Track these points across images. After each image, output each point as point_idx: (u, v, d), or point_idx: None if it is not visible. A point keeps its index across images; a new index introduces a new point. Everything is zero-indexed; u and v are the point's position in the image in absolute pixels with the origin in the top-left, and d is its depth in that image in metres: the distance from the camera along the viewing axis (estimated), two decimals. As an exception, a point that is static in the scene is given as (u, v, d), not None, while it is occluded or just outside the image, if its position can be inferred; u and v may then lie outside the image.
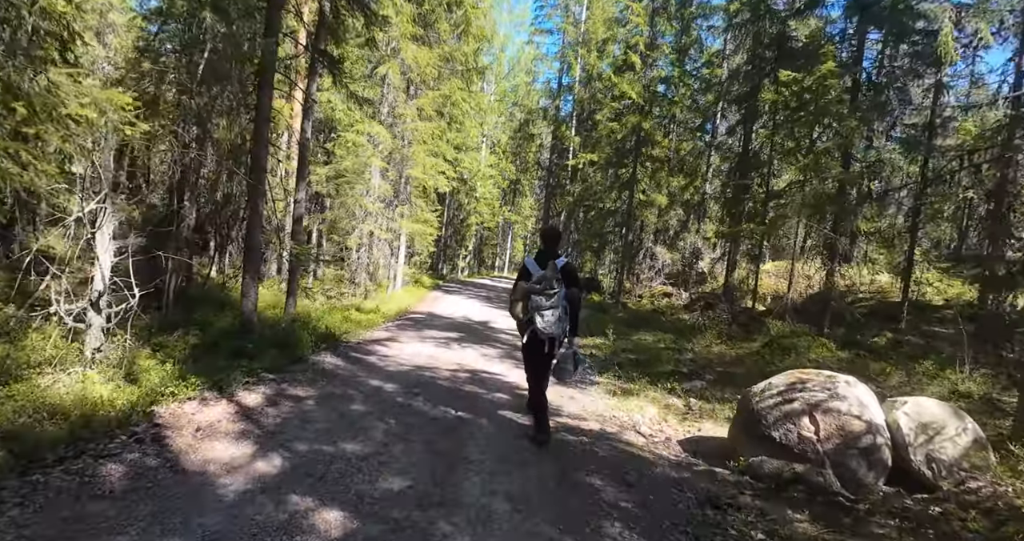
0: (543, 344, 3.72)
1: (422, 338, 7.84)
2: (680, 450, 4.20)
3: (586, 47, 17.51)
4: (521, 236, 49.40)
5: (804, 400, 3.70)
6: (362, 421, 3.89)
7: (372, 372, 5.45)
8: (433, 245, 23.73)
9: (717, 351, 8.67)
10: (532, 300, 3.65)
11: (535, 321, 3.64)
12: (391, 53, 11.88)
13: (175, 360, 4.62)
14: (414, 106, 12.11)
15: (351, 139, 11.09)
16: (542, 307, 3.62)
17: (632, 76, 13.78)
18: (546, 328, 3.62)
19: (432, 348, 7.09)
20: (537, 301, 3.63)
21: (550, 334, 3.65)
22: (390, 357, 6.25)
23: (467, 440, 3.77)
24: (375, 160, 11.35)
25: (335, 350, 6.34)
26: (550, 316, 3.62)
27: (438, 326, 9.33)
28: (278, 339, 6.09)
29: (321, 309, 10.24)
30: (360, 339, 7.36)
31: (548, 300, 3.62)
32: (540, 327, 3.63)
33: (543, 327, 3.62)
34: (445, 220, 31.25)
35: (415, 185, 13.01)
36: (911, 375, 6.13)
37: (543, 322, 3.62)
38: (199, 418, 3.61)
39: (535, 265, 3.76)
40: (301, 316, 8.21)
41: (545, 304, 3.62)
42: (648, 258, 17.30)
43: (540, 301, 3.62)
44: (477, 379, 5.63)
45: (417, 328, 8.86)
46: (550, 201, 23.99)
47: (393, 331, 8.32)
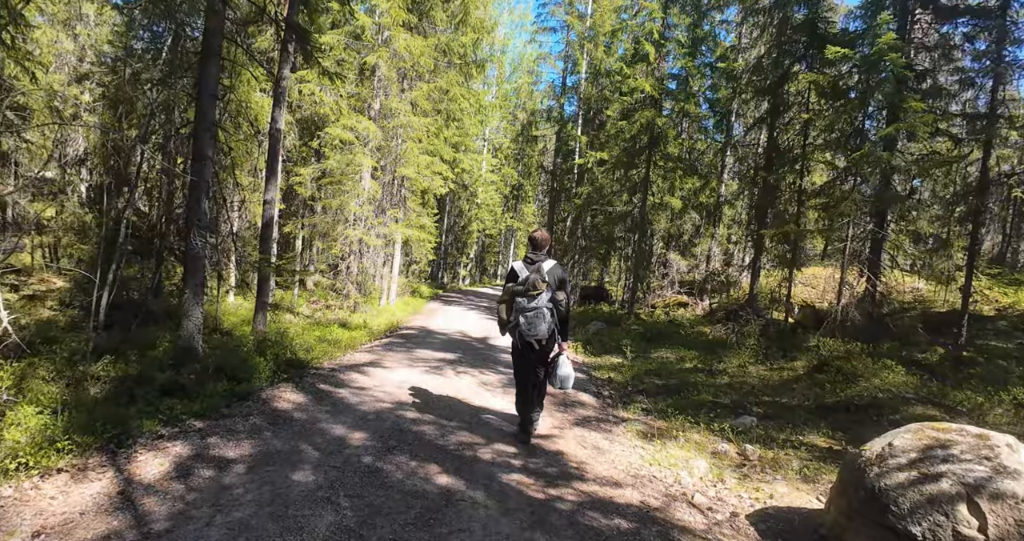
0: (529, 346, 3.76)
1: (411, 361, 6.64)
2: (756, 536, 2.99)
3: (592, 41, 16.46)
4: (524, 243, 48.38)
5: (956, 477, 2.49)
6: (303, 506, 2.69)
7: (339, 414, 4.26)
8: (432, 253, 22.61)
9: (756, 374, 7.44)
10: (516, 302, 3.71)
11: (519, 323, 3.69)
12: (382, 42, 10.81)
13: (62, 405, 3.43)
14: (407, 100, 11.01)
15: (335, 135, 9.98)
16: (525, 309, 3.66)
17: (645, 67, 12.68)
18: (529, 330, 3.66)
19: (421, 375, 5.90)
20: (521, 303, 3.68)
21: (533, 336, 3.67)
22: (367, 390, 5.05)
23: (454, 536, 2.57)
24: (364, 159, 10.24)
25: (299, 381, 5.15)
26: (533, 318, 3.64)
27: (431, 345, 8.14)
28: (229, 368, 4.91)
29: (300, 325, 9.10)
30: (335, 364, 6.17)
31: (531, 302, 3.65)
32: (523, 329, 3.67)
33: (526, 329, 3.66)
34: (445, 227, 30.18)
35: (409, 187, 11.89)
36: (1020, 410, 4.89)
37: (527, 324, 3.65)
38: (52, 510, 2.42)
39: (523, 268, 3.78)
40: (271, 335, 7.05)
41: (528, 306, 3.65)
42: (661, 265, 16.10)
43: (523, 303, 3.67)
44: (475, 421, 4.43)
45: (407, 348, 7.66)
46: (554, 206, 22.85)
47: (377, 353, 7.12)
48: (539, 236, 3.92)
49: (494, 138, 32.37)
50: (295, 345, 6.75)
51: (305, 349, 6.51)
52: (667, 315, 15.09)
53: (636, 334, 11.22)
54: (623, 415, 5.18)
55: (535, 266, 3.74)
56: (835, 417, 5.20)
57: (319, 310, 11.23)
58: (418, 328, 10.23)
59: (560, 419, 4.71)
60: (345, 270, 11.02)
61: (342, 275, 11.15)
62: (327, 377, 5.43)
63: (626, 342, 9.85)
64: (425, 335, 9.29)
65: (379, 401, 4.69)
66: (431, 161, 11.09)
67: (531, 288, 3.68)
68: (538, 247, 3.89)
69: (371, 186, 10.78)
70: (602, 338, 10.48)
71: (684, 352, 9.37)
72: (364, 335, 8.52)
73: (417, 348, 7.71)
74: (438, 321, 11.63)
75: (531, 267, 3.76)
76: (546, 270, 3.72)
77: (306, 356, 6.15)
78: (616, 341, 10.34)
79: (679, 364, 8.26)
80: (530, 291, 3.68)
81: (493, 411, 4.77)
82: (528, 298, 3.68)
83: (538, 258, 3.81)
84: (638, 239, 13.32)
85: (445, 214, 29.55)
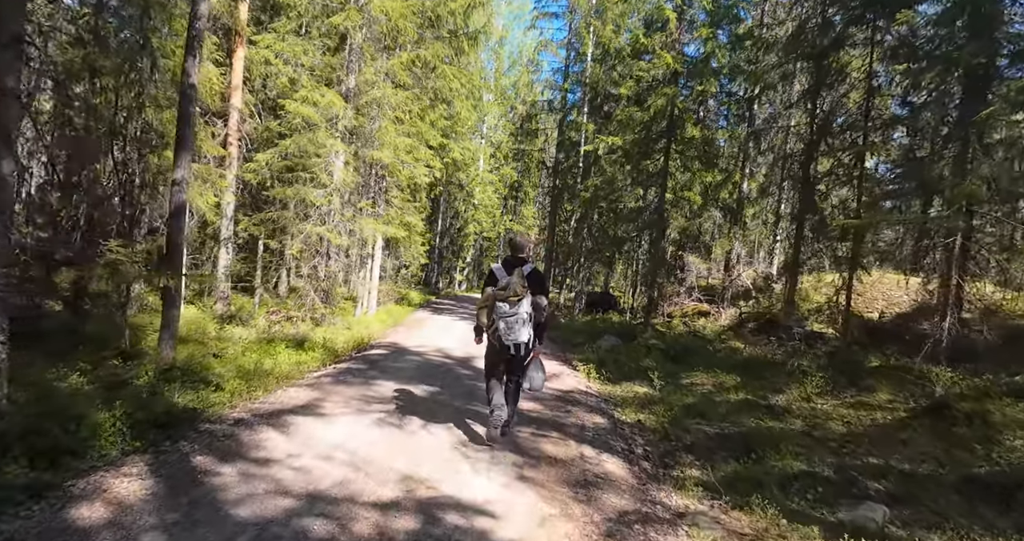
0: (506, 350, 3.67)
1: (363, 402, 4.76)
2: None
3: (601, 19, 14.69)
4: (523, 247, 46.56)
5: None
6: None
7: (194, 528, 2.38)
8: (424, 256, 20.77)
9: (832, 412, 5.56)
10: (497, 307, 3.62)
11: (499, 327, 3.61)
12: (354, 2, 9.01)
13: None
14: (383, 70, 9.19)
15: (293, 111, 8.16)
16: (506, 313, 3.58)
17: (663, 38, 10.89)
18: (508, 334, 3.58)
19: (370, 429, 4.02)
20: (502, 308, 3.60)
21: (513, 341, 3.59)
22: (272, 467, 3.16)
23: None
24: (329, 140, 8.42)
25: (167, 450, 3.26)
26: (514, 323, 3.57)
27: (400, 372, 6.25)
28: (45, 435, 3.03)
29: (244, 344, 7.26)
30: (251, 409, 4.28)
31: (511, 307, 3.58)
32: (503, 334, 3.59)
33: (505, 333, 3.58)
34: (440, 228, 28.38)
35: (394, 181, 10.08)
36: None
37: (506, 329, 3.58)
38: None
39: (503, 272, 3.72)
40: (181, 363, 5.20)
41: (508, 311, 3.58)
42: (677, 269, 14.24)
43: (504, 308, 3.59)
44: None
45: (365, 378, 5.78)
46: (556, 206, 21.01)
47: (322, 388, 5.24)
48: (519, 239, 3.87)
49: (492, 135, 30.64)
50: (208, 377, 4.90)
51: (216, 385, 4.65)
52: (686, 326, 13.22)
53: (657, 351, 9.35)
54: (676, 502, 3.30)
55: (515, 270, 3.65)
56: (1013, 502, 3.33)
57: (278, 322, 9.39)
58: (391, 346, 8.35)
59: (580, 523, 2.83)
60: (307, 276, 9.17)
61: (306, 281, 9.30)
62: (221, 439, 3.54)
63: (649, 364, 7.99)
64: (396, 356, 7.41)
65: (281, 493, 2.80)
66: (412, 145, 9.27)
67: (512, 293, 3.59)
68: (518, 250, 3.83)
69: (341, 175, 8.95)
70: (618, 357, 8.60)
71: (722, 376, 7.51)
72: (318, 358, 6.66)
73: (380, 378, 5.82)
74: (419, 335, 9.74)
75: (511, 271, 3.67)
76: (526, 274, 3.65)
77: (208, 398, 4.28)
78: (635, 360, 8.47)
79: (723, 396, 6.39)
80: (511, 296, 3.58)
81: (473, 507, 2.88)
82: (509, 303, 3.58)
83: (518, 261, 3.75)
84: (654, 238, 11.48)
85: (439, 215, 27.77)
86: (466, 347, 8.54)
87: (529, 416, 4.81)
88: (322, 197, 8.35)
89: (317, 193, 8.55)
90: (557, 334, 11.68)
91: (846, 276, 8.74)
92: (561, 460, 3.73)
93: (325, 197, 8.45)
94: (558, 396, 5.79)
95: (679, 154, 11.35)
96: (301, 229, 8.31)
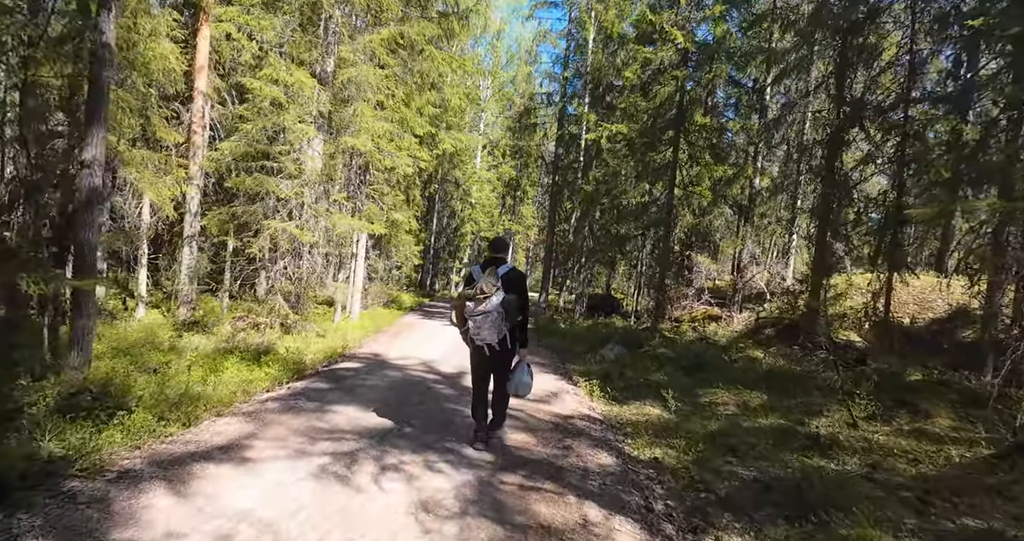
0: (480, 351, 3.68)
1: (307, 440, 3.75)
2: None
3: (603, 2, 13.70)
4: (524, 247, 45.46)
5: None
6: None
7: None
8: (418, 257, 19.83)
9: (889, 445, 4.56)
10: (466, 307, 3.59)
11: (469, 327, 3.60)
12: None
13: None
14: (361, 48, 8.20)
15: (256, 90, 7.19)
16: (473, 313, 3.55)
17: (672, 16, 9.91)
18: (477, 334, 3.57)
19: (300, 484, 3.00)
20: (469, 307, 3.57)
21: (483, 341, 3.57)
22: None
23: None
24: (296, 124, 7.44)
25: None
26: (481, 322, 3.53)
27: (366, 394, 5.24)
28: None
29: (198, 355, 6.32)
30: (147, 456, 3.26)
31: (478, 306, 3.53)
32: (472, 334, 3.59)
33: (474, 333, 3.58)
34: (436, 228, 27.41)
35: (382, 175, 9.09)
36: None
37: (475, 327, 3.57)
38: None
39: (480, 272, 3.69)
40: (97, 384, 4.24)
41: (476, 310, 3.54)
42: (685, 270, 13.25)
43: (472, 307, 3.56)
44: None
45: (322, 403, 4.77)
46: (555, 204, 20.04)
47: (263, 417, 4.23)
48: (498, 240, 3.94)
49: (489, 132, 29.67)
50: (126, 402, 3.92)
51: (121, 417, 3.66)
52: (696, 331, 12.22)
53: (668, 362, 8.37)
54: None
55: (490, 270, 3.63)
56: None
57: (244, 330, 8.42)
58: (368, 357, 7.35)
59: None
60: (275, 277, 8.19)
61: (274, 283, 8.31)
62: (81, 506, 2.54)
63: (660, 379, 7.00)
64: (370, 371, 6.41)
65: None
66: (392, 131, 8.27)
67: (479, 292, 3.54)
68: (497, 250, 3.85)
69: (313, 165, 7.97)
70: (625, 369, 7.61)
71: (745, 393, 6.53)
72: (273, 374, 5.66)
73: (340, 402, 4.82)
74: (403, 344, 8.75)
75: (487, 271, 3.63)
76: (501, 274, 3.61)
77: (97, 440, 3.28)
78: (645, 373, 7.49)
79: (752, 420, 5.39)
80: (478, 295, 3.53)
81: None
82: (476, 302, 3.54)
83: (495, 261, 3.74)
84: (661, 236, 10.49)
85: (434, 213, 26.80)
86: (454, 358, 7.55)
87: (519, 455, 3.82)
88: (289, 189, 7.36)
89: (284, 185, 7.56)
90: (556, 341, 10.68)
91: (882, 277, 7.75)
92: (557, 529, 2.74)
93: (293, 189, 7.46)
94: (556, 424, 4.79)
95: (688, 145, 10.35)
96: (268, 225, 7.31)
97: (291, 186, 7.45)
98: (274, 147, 7.40)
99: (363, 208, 9.09)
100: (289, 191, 7.34)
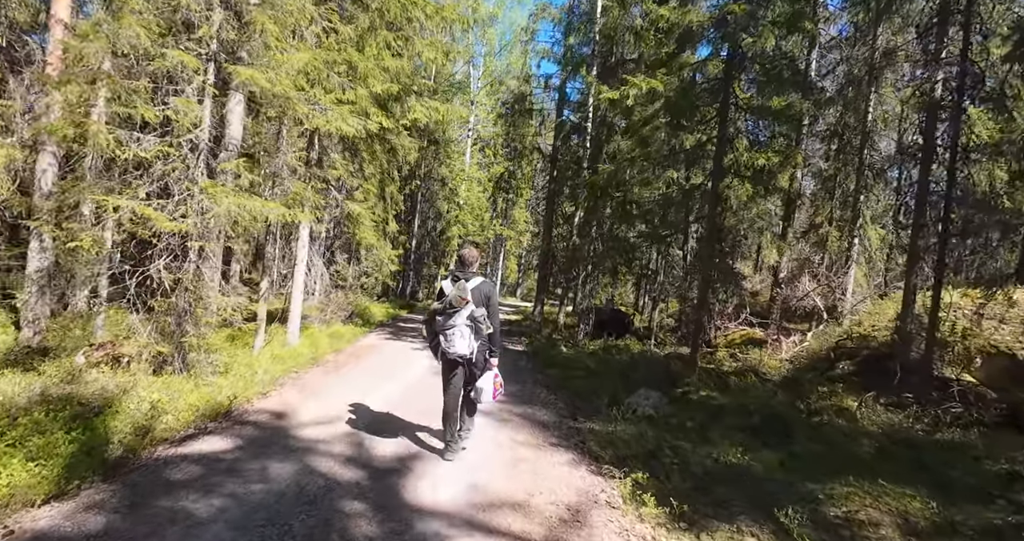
0: (452, 364, 3.75)
1: None
2: None
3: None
4: (516, 254, 42.72)
5: None
6: None
7: None
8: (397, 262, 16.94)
9: None
10: (436, 321, 3.68)
11: (441, 341, 3.67)
12: None
13: None
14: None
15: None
16: (444, 327, 3.63)
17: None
18: (449, 348, 3.63)
19: None
20: (439, 321, 3.66)
21: (454, 353, 3.63)
22: None
23: None
24: (175, 53, 4.70)
25: None
26: (452, 335, 3.60)
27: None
28: None
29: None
30: None
31: (448, 320, 3.61)
32: (444, 347, 3.66)
33: (446, 347, 3.64)
34: (418, 231, 24.68)
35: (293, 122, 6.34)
36: None
37: (446, 342, 3.63)
38: None
39: (450, 286, 3.70)
40: None
41: (446, 324, 3.62)
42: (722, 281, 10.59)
43: (442, 321, 3.64)
44: None
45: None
46: (553, 203, 17.37)
47: None
48: (467, 253, 3.85)
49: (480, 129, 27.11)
50: None
51: None
52: (735, 359, 9.56)
53: (726, 415, 5.68)
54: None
55: (459, 284, 3.65)
56: None
57: (100, 363, 5.68)
58: (265, 421, 4.51)
59: None
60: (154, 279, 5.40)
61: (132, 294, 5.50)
62: None
63: (737, 460, 4.31)
64: (234, 468, 3.55)
65: None
66: (319, 68, 5.55)
67: (448, 306, 3.61)
68: (466, 264, 3.81)
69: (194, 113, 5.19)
70: (676, 439, 4.83)
71: (896, 496, 3.84)
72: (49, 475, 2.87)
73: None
74: (342, 385, 5.92)
75: (455, 285, 3.67)
76: (470, 287, 3.64)
77: None
78: (704, 445, 4.75)
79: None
80: (447, 309, 3.62)
81: None
82: (446, 316, 3.64)
83: (465, 275, 3.73)
84: (705, 236, 7.82)
85: (416, 214, 24.08)
86: (413, 413, 4.79)
87: None
88: (144, 148, 4.58)
89: (149, 142, 4.79)
90: (560, 375, 7.92)
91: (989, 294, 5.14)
92: None
93: (156, 148, 4.67)
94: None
95: (744, 110, 7.72)
96: (108, 203, 4.52)
97: (152, 144, 4.67)
98: (124, 85, 4.63)
99: (287, 188, 6.29)
100: (144, 152, 4.56)
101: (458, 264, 3.86)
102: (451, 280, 3.72)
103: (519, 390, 6.70)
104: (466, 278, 3.68)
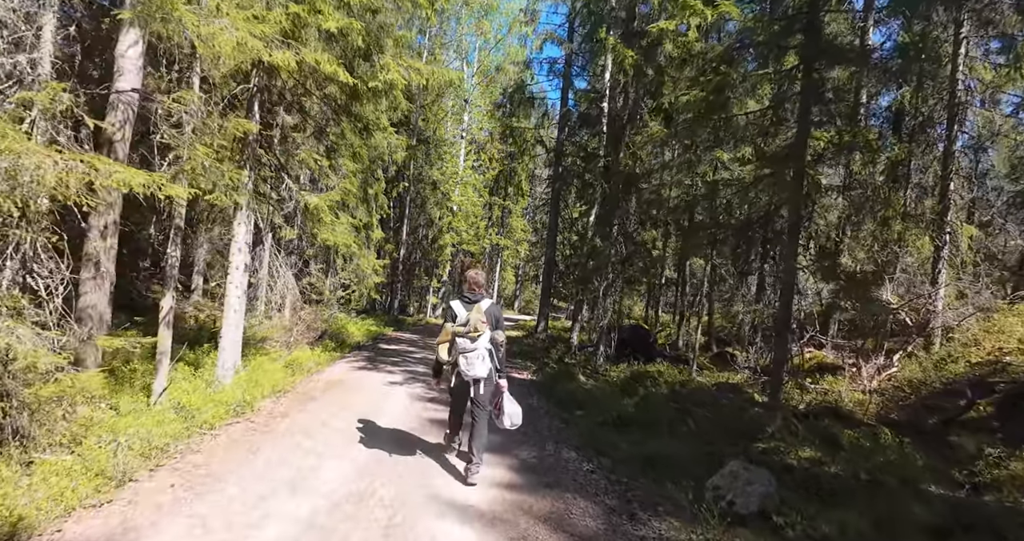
0: (467, 386, 3.76)
1: None
2: None
3: None
4: (512, 267, 40.51)
5: None
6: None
7: None
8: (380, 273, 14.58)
9: None
10: (457, 343, 3.66)
11: (459, 363, 3.67)
12: None
13: None
14: None
15: None
16: (467, 350, 3.62)
17: None
18: (469, 370, 3.63)
19: None
20: (462, 344, 3.64)
21: (475, 376, 3.64)
22: None
23: None
24: None
25: None
26: (474, 359, 3.61)
27: None
28: None
29: None
30: None
31: (472, 342, 3.61)
32: (463, 369, 3.65)
33: (466, 369, 3.63)
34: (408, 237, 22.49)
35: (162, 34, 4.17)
36: None
37: (466, 364, 3.63)
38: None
39: (461, 307, 3.75)
40: None
41: (469, 347, 3.62)
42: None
43: (465, 344, 3.63)
44: None
45: None
46: (557, 204, 15.24)
47: None
48: (475, 275, 3.92)
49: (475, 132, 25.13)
50: None
51: None
52: (806, 390, 7.36)
53: (889, 506, 3.45)
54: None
55: (473, 305, 3.72)
56: None
57: None
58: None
59: None
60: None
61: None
62: None
63: None
64: None
65: None
66: None
67: (473, 329, 3.62)
68: (475, 286, 3.88)
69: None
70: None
71: None
72: None
73: None
74: (241, 486, 3.64)
75: (469, 307, 3.72)
76: (484, 309, 3.70)
77: None
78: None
79: None
80: (471, 332, 3.62)
81: None
82: (470, 339, 3.62)
83: (475, 297, 3.80)
84: (788, 232, 5.65)
85: (404, 220, 21.93)
86: None
87: None
88: None
89: None
90: (586, 422, 5.65)
91: None
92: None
93: None
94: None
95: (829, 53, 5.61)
96: None
97: None
98: None
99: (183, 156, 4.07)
100: None
101: (465, 285, 3.91)
102: (461, 301, 3.79)
103: (536, 455, 4.48)
104: (476, 300, 3.76)
